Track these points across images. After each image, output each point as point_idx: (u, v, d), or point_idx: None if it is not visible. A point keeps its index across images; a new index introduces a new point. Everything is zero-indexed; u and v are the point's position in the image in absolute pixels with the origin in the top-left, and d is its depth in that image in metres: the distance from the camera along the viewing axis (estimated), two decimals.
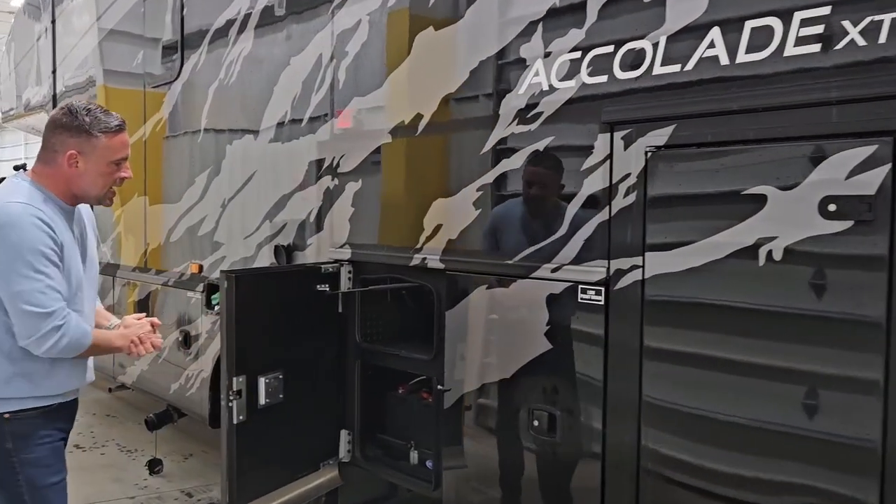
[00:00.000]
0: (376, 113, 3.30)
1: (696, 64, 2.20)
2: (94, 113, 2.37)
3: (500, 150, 2.75)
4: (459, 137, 2.94)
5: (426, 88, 3.05)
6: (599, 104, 2.44)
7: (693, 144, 2.21)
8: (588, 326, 2.50)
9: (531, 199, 2.69)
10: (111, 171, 2.42)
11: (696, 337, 2.23)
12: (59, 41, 6.57)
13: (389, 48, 3.22)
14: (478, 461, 2.91)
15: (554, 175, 2.60)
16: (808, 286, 2.00)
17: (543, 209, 2.67)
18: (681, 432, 2.27)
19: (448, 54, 2.97)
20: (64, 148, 2.36)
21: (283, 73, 3.80)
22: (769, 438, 2.09)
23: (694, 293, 2.22)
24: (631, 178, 2.36)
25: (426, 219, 3.06)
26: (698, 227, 2.20)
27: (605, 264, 2.44)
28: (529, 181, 2.67)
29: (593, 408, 2.50)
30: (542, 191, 2.65)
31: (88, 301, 2.53)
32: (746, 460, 2.15)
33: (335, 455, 3.58)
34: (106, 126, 2.38)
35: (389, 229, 3.29)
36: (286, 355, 3.33)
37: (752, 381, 2.12)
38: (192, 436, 5.71)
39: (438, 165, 3.05)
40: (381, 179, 3.31)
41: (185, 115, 4.66)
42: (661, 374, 2.31)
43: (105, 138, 2.38)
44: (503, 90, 2.74)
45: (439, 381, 3.06)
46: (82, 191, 2.43)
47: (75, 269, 2.41)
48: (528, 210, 2.71)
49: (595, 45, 2.45)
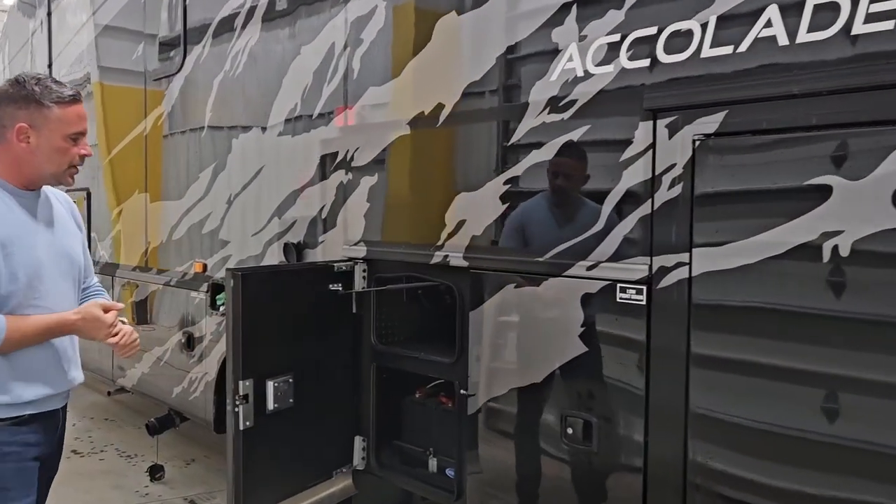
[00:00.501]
0: (394, 103, 3.13)
1: (751, 45, 2.04)
2: (44, 83, 2.15)
3: (530, 141, 2.59)
4: (485, 128, 2.78)
5: (448, 77, 2.88)
6: (640, 90, 2.28)
7: (747, 132, 2.06)
8: (628, 328, 2.34)
9: (564, 193, 2.53)
10: (67, 146, 2.18)
11: (751, 343, 2.07)
12: (55, 34, 6.39)
13: (408, 35, 3.06)
14: (504, 470, 2.75)
15: (589, 166, 2.44)
16: (877, 287, 1.84)
17: (578, 203, 2.51)
18: (733, 445, 2.11)
19: (472, 40, 2.80)
20: (12, 122, 2.13)
21: (293, 64, 3.64)
22: (830, 453, 1.93)
23: (747, 294, 2.06)
24: (676, 169, 2.20)
25: (448, 214, 2.89)
26: (753, 220, 2.04)
27: (646, 261, 2.28)
28: (563, 173, 2.51)
29: (634, 416, 2.34)
30: (577, 183, 2.49)
31: (59, 295, 2.23)
32: (805, 476, 1.99)
33: (349, 462, 3.41)
34: (59, 96, 2.14)
35: (408, 225, 3.13)
36: (296, 358, 3.17)
37: (811, 391, 1.96)
38: (194, 440, 5.53)
39: (461, 158, 2.88)
40: (400, 173, 3.15)
41: (188, 108, 4.48)
42: (711, 383, 2.15)
43: (58, 109, 2.14)
44: (533, 77, 2.57)
45: (462, 385, 2.90)
46: (36, 170, 2.18)
47: (27, 259, 2.13)
48: (561, 204, 2.55)
49: (636, 28, 2.29)
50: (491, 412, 2.77)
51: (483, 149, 2.79)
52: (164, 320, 4.75)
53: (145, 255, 4.97)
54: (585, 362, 2.46)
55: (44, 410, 2.22)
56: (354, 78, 3.29)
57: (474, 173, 2.80)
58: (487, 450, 2.80)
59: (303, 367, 3.18)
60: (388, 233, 3.21)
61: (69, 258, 2.32)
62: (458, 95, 2.84)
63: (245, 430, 2.94)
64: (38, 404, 2.19)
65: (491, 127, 2.75)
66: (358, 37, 3.26)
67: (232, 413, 2.93)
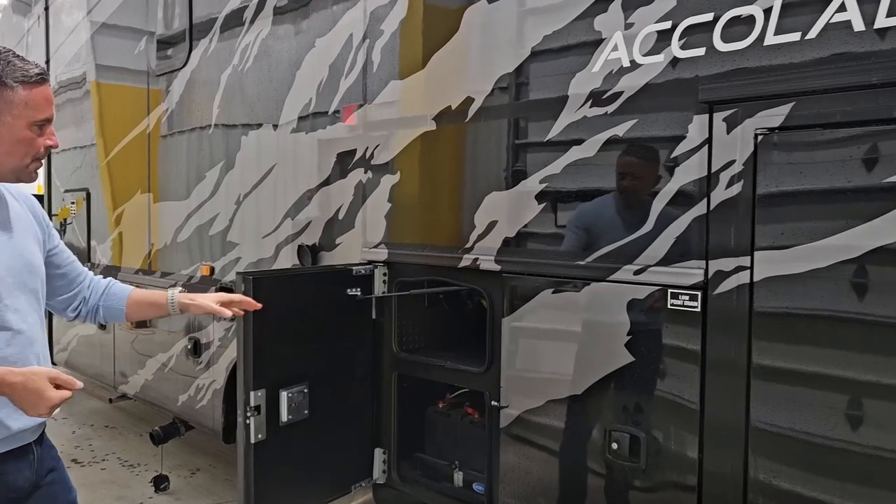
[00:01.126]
0: (418, 98, 2.96)
1: (822, 31, 1.88)
2: (5, 58, 1.77)
3: (569, 138, 2.43)
4: (518, 123, 2.62)
5: (478, 69, 2.72)
6: (695, 81, 2.12)
7: (817, 125, 1.90)
8: (680, 337, 2.18)
9: (609, 192, 2.37)
10: (32, 136, 1.81)
11: (820, 354, 1.91)
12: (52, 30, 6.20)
13: (434, 25, 2.90)
14: (540, 486, 2.58)
15: (637, 163, 2.28)
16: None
17: (624, 203, 2.35)
18: (800, 463, 1.95)
19: (505, 30, 2.64)
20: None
21: (308, 57, 3.47)
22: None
23: (816, 301, 1.90)
24: (735, 166, 2.04)
25: (478, 215, 2.73)
26: (823, 222, 1.89)
27: (701, 265, 2.12)
28: (608, 171, 2.35)
29: (687, 431, 2.18)
30: (623, 182, 2.33)
31: (19, 314, 1.86)
32: (879, 497, 1.83)
33: (368, 477, 3.25)
34: (24, 74, 1.77)
35: (433, 227, 2.96)
36: (312, 366, 3.00)
37: (886, 406, 1.81)
38: (198, 449, 5.35)
39: (492, 155, 2.71)
40: (424, 171, 2.98)
41: (195, 105, 4.30)
42: (774, 396, 1.99)
43: (23, 90, 1.77)
44: (573, 69, 2.41)
45: (493, 396, 2.73)
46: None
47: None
48: (605, 204, 2.38)
49: (690, 14, 2.13)
50: (526, 425, 2.60)
51: (517, 145, 2.62)
52: (169, 325, 4.57)
53: (148, 258, 4.79)
54: (632, 373, 2.30)
55: (13, 447, 1.85)
56: (374, 71, 3.13)
57: (507, 171, 2.64)
58: (522, 464, 2.63)
59: (319, 377, 3.01)
60: (412, 235, 3.04)
61: (29, 267, 1.93)
62: (489, 89, 2.67)
63: (257, 444, 2.77)
64: (6, 440, 1.82)
65: (526, 122, 2.59)
66: (378, 28, 3.09)
67: (243, 425, 2.76)
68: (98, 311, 2.23)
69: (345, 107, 3.36)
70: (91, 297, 2.22)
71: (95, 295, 2.22)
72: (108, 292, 2.24)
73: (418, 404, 3.24)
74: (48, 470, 2.01)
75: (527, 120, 2.58)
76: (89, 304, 2.22)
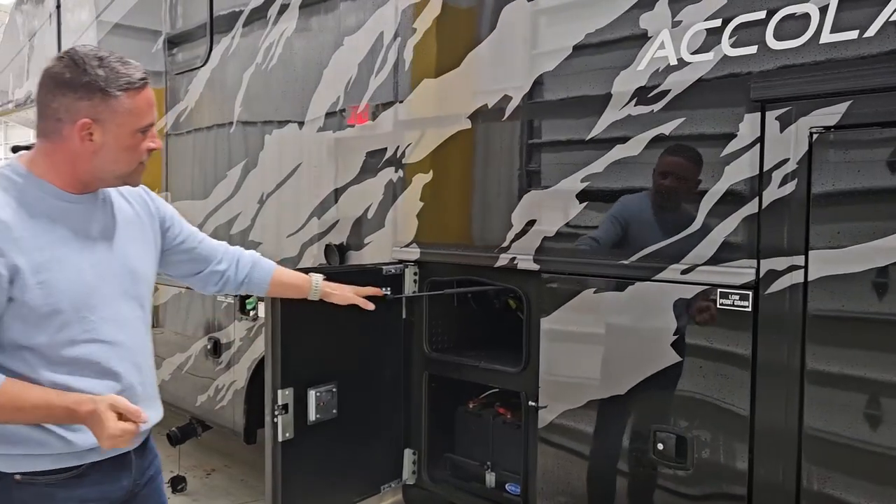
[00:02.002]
0: (452, 96, 2.94)
1: (882, 28, 1.87)
2: (108, 63, 1.71)
3: (612, 136, 2.42)
4: (559, 121, 2.60)
5: (516, 67, 2.71)
6: (746, 80, 2.11)
7: (875, 124, 1.89)
8: (730, 337, 2.17)
9: (656, 191, 2.35)
10: (136, 142, 1.76)
11: (876, 357, 1.90)
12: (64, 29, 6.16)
13: (469, 23, 2.88)
14: (580, 486, 2.57)
15: (685, 162, 2.27)
16: None
17: (671, 202, 2.33)
18: (854, 471, 1.94)
19: (545, 28, 2.63)
20: (71, 115, 1.69)
21: (335, 55, 3.44)
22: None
23: (873, 303, 1.89)
24: (789, 165, 2.03)
25: (515, 214, 2.71)
26: (880, 220, 1.88)
27: (753, 264, 2.11)
28: (654, 170, 2.33)
29: (736, 435, 2.16)
30: (670, 181, 2.32)
31: (117, 325, 1.82)
32: None
33: (398, 477, 3.22)
34: (128, 82, 1.71)
35: (468, 226, 2.94)
36: (341, 366, 2.97)
37: None
38: (213, 449, 5.32)
39: (531, 153, 2.70)
40: (459, 170, 2.96)
41: (215, 103, 4.27)
42: (829, 401, 1.97)
43: (127, 98, 1.71)
44: (617, 67, 2.40)
45: (531, 396, 2.71)
46: (96, 172, 1.76)
47: (71, 286, 1.72)
48: (651, 203, 2.37)
49: (741, 12, 2.12)
50: (565, 425, 2.59)
51: (557, 144, 2.61)
52: (187, 326, 4.54)
53: None
54: (678, 374, 2.28)
55: (104, 458, 1.80)
56: (406, 69, 3.11)
57: (546, 170, 2.63)
58: (560, 465, 2.62)
59: (348, 376, 2.99)
60: (445, 234, 3.02)
61: (133, 275, 1.88)
62: (527, 87, 2.66)
63: (284, 442, 2.75)
64: (99, 451, 1.77)
65: (566, 120, 2.57)
66: (410, 26, 3.08)
67: (270, 424, 2.73)
68: (243, 284, 2.30)
69: (351, 106, 3.34)
70: (239, 270, 2.27)
71: (243, 268, 2.28)
72: (255, 265, 2.31)
73: (448, 405, 3.22)
74: (147, 480, 1.98)
75: (567, 118, 2.56)
76: (238, 277, 2.27)
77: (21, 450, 1.71)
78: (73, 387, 1.72)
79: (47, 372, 1.71)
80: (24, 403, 1.65)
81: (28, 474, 1.71)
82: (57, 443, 1.73)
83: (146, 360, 1.93)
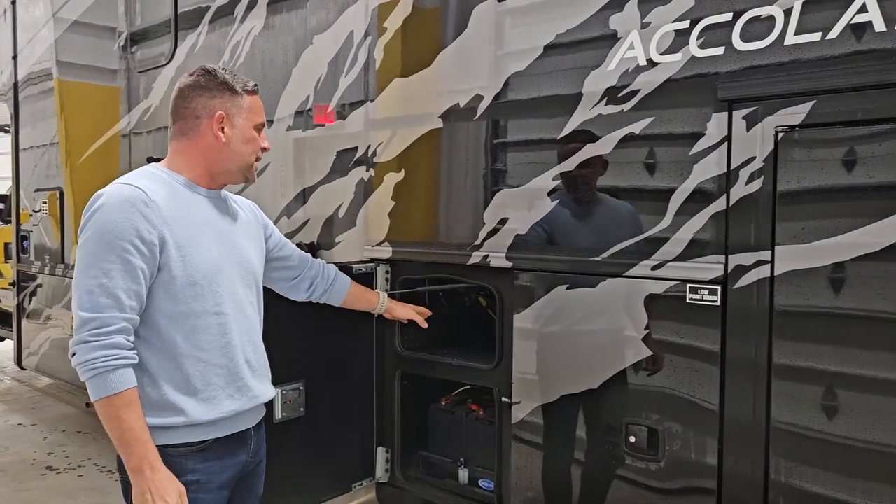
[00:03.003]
0: (424, 95, 2.96)
1: (843, 31, 1.94)
2: (230, 72, 2.09)
3: (583, 134, 2.46)
4: (530, 121, 2.63)
5: (488, 67, 2.73)
6: (713, 80, 2.16)
7: (838, 123, 1.96)
8: (699, 332, 2.22)
9: (626, 189, 2.40)
10: (254, 136, 2.10)
11: (843, 351, 1.97)
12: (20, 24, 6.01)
13: (441, 23, 2.89)
14: (554, 480, 2.60)
15: (654, 160, 2.31)
16: None
17: (639, 199, 2.38)
18: (821, 464, 2.00)
19: (516, 28, 2.66)
20: (208, 111, 2.02)
21: (304, 54, 3.43)
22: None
23: (837, 297, 1.96)
24: (756, 163, 2.09)
25: (487, 212, 2.74)
26: (844, 217, 1.94)
27: (721, 260, 2.16)
28: (624, 168, 2.38)
29: (706, 428, 2.22)
30: (639, 178, 2.36)
31: (238, 304, 2.04)
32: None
33: (370, 475, 3.23)
34: (245, 85, 2.09)
35: (441, 224, 2.96)
36: (309, 364, 2.96)
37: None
38: None
39: (502, 152, 2.73)
40: (430, 169, 2.98)
41: None
42: (797, 396, 2.04)
43: (248, 98, 2.08)
44: (587, 67, 2.44)
45: (504, 392, 2.74)
46: (224, 163, 2.05)
47: (205, 263, 1.95)
48: (622, 201, 2.41)
49: (708, 14, 2.18)
50: (538, 420, 2.62)
51: (528, 143, 2.64)
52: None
53: None
54: (649, 368, 2.33)
55: (227, 434, 2.02)
56: (377, 69, 3.11)
57: (519, 168, 2.66)
58: (534, 459, 2.65)
59: (316, 375, 2.98)
60: (417, 232, 3.03)
61: (247, 264, 2.12)
62: (498, 87, 2.69)
63: None
64: (219, 426, 1.99)
65: (538, 120, 2.60)
66: (381, 25, 3.08)
67: None
68: (327, 291, 2.64)
69: (317, 105, 3.33)
70: (324, 280, 2.61)
71: (327, 278, 2.62)
72: (337, 278, 2.66)
73: (421, 402, 3.23)
74: (259, 460, 2.20)
75: (538, 117, 2.59)
76: (324, 284, 2.61)
77: (158, 420, 1.88)
78: (198, 355, 1.94)
79: (180, 338, 1.92)
80: (128, 415, 1.80)
81: (160, 447, 1.86)
82: (181, 417, 1.91)
83: (259, 340, 2.16)
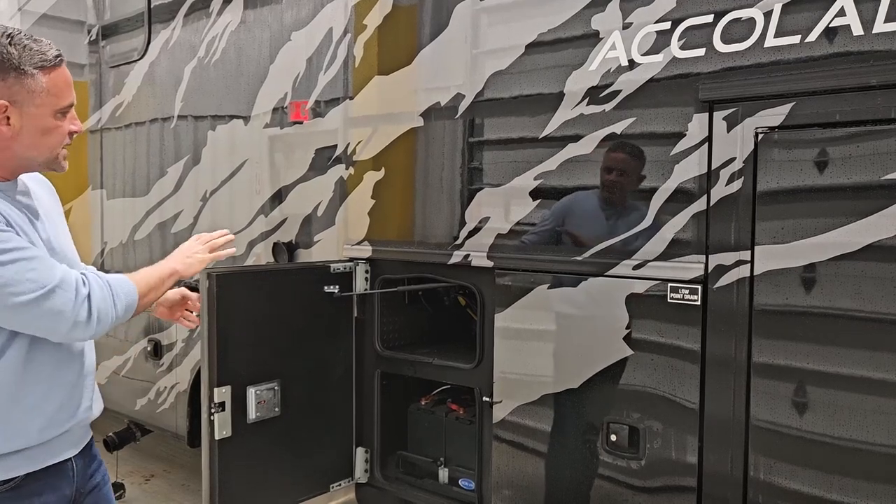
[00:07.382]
0: (404, 93, 2.94)
1: (821, 34, 1.97)
2: (20, 41, 1.61)
3: (565, 134, 2.46)
4: (512, 120, 2.63)
5: (469, 65, 2.72)
6: (695, 81, 2.18)
7: (817, 125, 1.98)
8: (680, 331, 2.24)
9: (607, 188, 2.41)
10: (57, 124, 1.68)
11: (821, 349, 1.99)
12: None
13: (421, 21, 2.88)
14: (536, 479, 2.61)
15: (635, 160, 2.33)
16: None
17: (622, 199, 2.39)
18: (800, 461, 2.03)
19: (498, 27, 2.65)
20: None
21: (283, 50, 3.39)
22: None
23: (816, 296, 1.99)
24: (735, 163, 2.11)
25: (469, 211, 2.74)
26: (822, 217, 1.97)
27: (702, 259, 2.18)
28: (605, 167, 2.39)
29: (686, 426, 2.24)
30: (621, 178, 2.38)
31: None
32: (879, 493, 1.92)
33: (349, 476, 3.20)
34: (42, 59, 1.62)
35: (421, 223, 2.95)
36: (285, 364, 2.94)
37: (887, 402, 1.90)
38: (151, 454, 5.16)
39: (484, 151, 2.72)
40: (411, 168, 2.96)
41: (154, 98, 4.15)
42: (775, 394, 2.06)
43: (44, 77, 1.63)
44: (569, 66, 2.44)
45: (485, 391, 2.74)
46: (18, 158, 1.68)
47: None
48: (604, 200, 2.42)
49: (689, 16, 2.19)
50: (520, 420, 2.62)
51: (510, 142, 2.64)
52: (127, 326, 4.39)
53: (101, 256, 4.59)
54: (630, 366, 2.34)
55: (40, 467, 1.73)
56: (356, 66, 3.09)
57: (500, 167, 2.65)
58: (515, 459, 2.65)
59: (293, 375, 2.96)
60: (398, 231, 3.02)
61: (64, 257, 1.82)
62: (480, 85, 2.68)
63: (221, 440, 2.71)
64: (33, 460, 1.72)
65: (519, 119, 2.60)
66: (361, 22, 3.06)
67: (207, 422, 2.69)
68: None
69: (293, 101, 3.30)
70: None
71: None
72: None
73: (401, 402, 3.22)
74: (92, 488, 1.92)
75: (520, 116, 2.59)
76: None
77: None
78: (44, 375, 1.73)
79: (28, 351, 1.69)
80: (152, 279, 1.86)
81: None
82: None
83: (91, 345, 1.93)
